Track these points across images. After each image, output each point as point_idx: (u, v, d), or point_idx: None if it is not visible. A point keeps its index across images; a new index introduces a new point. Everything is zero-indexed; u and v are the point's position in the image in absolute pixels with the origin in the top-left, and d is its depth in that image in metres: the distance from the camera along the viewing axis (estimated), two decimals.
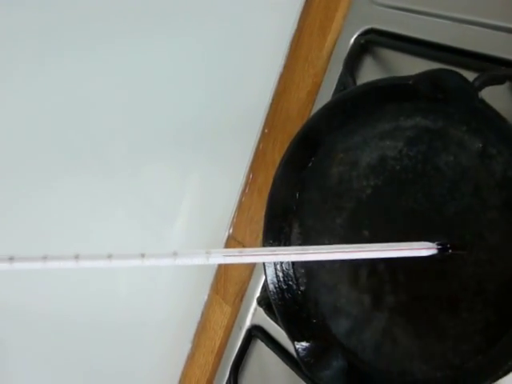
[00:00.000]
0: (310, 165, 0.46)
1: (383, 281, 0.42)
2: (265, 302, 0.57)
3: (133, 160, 0.55)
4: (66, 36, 0.45)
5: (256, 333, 0.58)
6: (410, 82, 0.39)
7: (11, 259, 0.30)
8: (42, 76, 0.45)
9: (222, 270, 0.64)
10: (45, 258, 0.30)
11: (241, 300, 0.61)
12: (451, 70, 0.37)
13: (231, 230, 0.64)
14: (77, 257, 0.31)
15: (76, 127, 0.49)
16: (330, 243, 0.45)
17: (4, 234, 0.48)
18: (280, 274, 0.46)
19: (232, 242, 0.63)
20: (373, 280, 0.43)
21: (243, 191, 0.62)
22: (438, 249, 0.36)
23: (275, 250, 0.34)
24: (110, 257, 0.31)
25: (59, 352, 0.59)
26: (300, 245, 0.47)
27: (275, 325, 0.56)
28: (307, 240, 0.47)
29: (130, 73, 0.50)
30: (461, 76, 0.36)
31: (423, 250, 0.36)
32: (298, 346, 0.44)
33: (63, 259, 0.31)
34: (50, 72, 0.46)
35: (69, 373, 0.61)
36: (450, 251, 0.36)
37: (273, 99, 0.60)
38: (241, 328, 0.61)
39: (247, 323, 0.60)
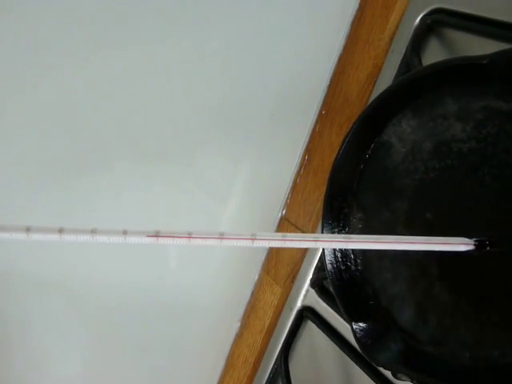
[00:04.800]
0: (372, 145, 0.46)
1: (441, 266, 0.42)
2: (317, 283, 0.57)
3: (187, 141, 0.55)
4: (125, 29, 0.46)
5: (307, 314, 0.58)
6: (484, 62, 0.38)
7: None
8: (100, 64, 0.46)
9: (274, 251, 0.64)
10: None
11: (292, 281, 0.62)
12: None
13: (284, 212, 0.64)
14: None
15: (132, 111, 0.50)
16: (390, 226, 0.45)
17: (59, 213, 0.50)
18: (338, 255, 0.46)
19: (285, 223, 0.63)
20: (430, 264, 0.43)
21: (298, 172, 0.62)
22: (475, 245, 0.36)
23: (318, 237, 0.34)
24: (157, 234, 0.32)
25: (109, 329, 0.60)
26: (360, 227, 0.46)
27: (327, 307, 0.56)
28: (367, 221, 0.46)
29: (185, 57, 0.50)
30: None
31: (461, 245, 0.35)
32: (355, 327, 0.44)
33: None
34: (107, 60, 0.46)
35: (119, 348, 0.63)
36: (488, 248, 0.36)
37: (331, 80, 0.59)
38: (291, 309, 0.61)
39: (298, 304, 0.60)
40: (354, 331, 0.44)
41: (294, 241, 0.33)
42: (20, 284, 0.51)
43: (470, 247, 0.36)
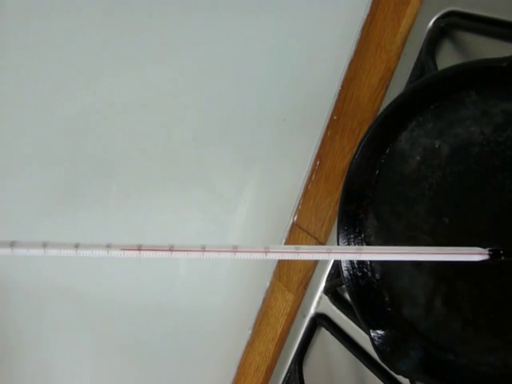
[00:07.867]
0: (388, 150, 0.45)
1: (461, 273, 0.41)
2: (331, 290, 0.57)
3: (197, 147, 0.55)
4: (135, 42, 0.46)
5: (321, 321, 0.57)
6: (504, 65, 0.37)
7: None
8: (109, 78, 0.46)
9: None
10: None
11: (304, 288, 0.61)
12: None
13: (296, 218, 0.63)
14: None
15: (140, 116, 0.49)
16: (406, 231, 0.44)
17: (68, 224, 0.49)
18: (355, 261, 0.46)
19: (296, 229, 0.63)
20: (449, 271, 0.42)
21: (309, 178, 0.61)
22: (489, 255, 0.35)
23: (330, 249, 0.34)
24: (171, 249, 0.32)
25: (120, 336, 0.60)
26: (376, 232, 0.46)
27: (341, 314, 0.56)
28: (383, 227, 0.46)
29: (196, 63, 0.50)
30: None
31: (475, 255, 0.35)
32: (373, 334, 0.43)
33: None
34: (116, 73, 0.46)
35: (128, 356, 0.62)
36: (503, 258, 0.35)
37: (342, 85, 0.59)
38: (304, 316, 0.60)
39: (311, 311, 0.60)
40: (371, 339, 0.43)
41: (307, 253, 0.33)
42: (31, 295, 0.51)
43: (485, 257, 0.35)
